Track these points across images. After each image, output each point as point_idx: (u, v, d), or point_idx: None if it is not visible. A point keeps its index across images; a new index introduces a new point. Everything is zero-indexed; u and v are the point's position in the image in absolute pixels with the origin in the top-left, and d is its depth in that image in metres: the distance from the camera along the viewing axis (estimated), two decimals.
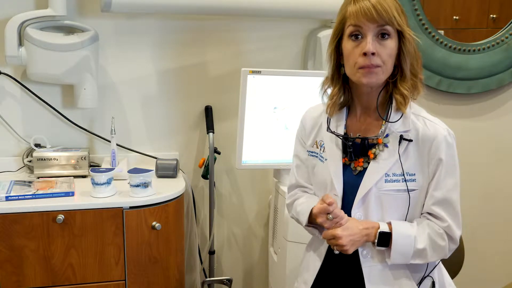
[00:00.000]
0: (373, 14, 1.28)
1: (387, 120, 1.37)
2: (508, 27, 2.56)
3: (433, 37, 2.45)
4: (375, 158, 1.37)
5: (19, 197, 1.82)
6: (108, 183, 1.87)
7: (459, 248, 2.03)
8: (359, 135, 1.41)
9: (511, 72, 2.59)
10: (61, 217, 1.80)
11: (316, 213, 1.36)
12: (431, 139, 1.35)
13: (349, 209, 1.39)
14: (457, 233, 1.38)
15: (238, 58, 2.32)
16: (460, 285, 1.66)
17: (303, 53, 2.39)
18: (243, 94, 1.98)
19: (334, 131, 1.42)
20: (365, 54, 1.30)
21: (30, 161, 2.14)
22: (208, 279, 2.37)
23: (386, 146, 1.37)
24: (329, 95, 1.46)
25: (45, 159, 2.07)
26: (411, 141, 1.36)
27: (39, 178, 2.06)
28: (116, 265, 1.89)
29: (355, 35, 1.32)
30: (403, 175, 1.35)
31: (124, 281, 1.91)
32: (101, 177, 1.86)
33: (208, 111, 2.32)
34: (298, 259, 1.64)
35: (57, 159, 2.08)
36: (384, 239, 1.34)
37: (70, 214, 1.82)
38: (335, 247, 1.36)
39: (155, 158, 2.21)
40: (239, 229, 2.52)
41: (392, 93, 1.38)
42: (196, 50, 2.29)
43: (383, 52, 1.31)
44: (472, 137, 2.64)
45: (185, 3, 2.08)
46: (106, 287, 1.90)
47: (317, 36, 2.27)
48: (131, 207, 1.87)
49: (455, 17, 2.58)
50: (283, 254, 2.06)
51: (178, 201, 1.99)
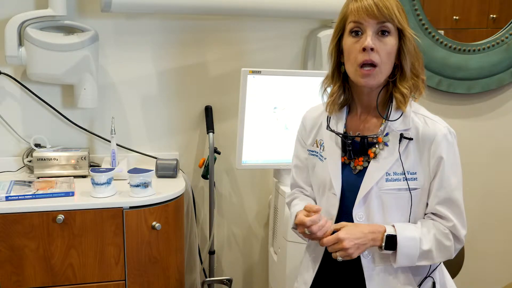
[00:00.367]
0: (374, 10, 1.29)
1: (387, 118, 1.37)
2: (508, 27, 2.56)
3: (433, 37, 2.45)
4: (375, 157, 1.37)
5: (19, 197, 1.82)
6: (108, 183, 1.87)
7: None
8: (359, 134, 1.41)
9: (511, 72, 2.59)
10: (61, 217, 1.80)
11: (296, 223, 1.37)
12: (431, 137, 1.34)
13: (350, 208, 1.39)
14: (463, 232, 1.38)
15: (238, 58, 2.32)
16: (460, 285, 1.66)
17: (303, 53, 2.39)
18: (243, 94, 1.98)
19: (333, 130, 1.42)
20: (364, 49, 1.30)
21: (30, 161, 2.14)
22: (208, 279, 2.37)
23: (386, 145, 1.37)
24: (329, 93, 1.46)
25: (45, 159, 2.07)
26: (411, 139, 1.35)
27: (39, 178, 2.06)
28: (116, 265, 1.89)
29: (356, 31, 1.33)
30: (404, 174, 1.35)
31: (124, 281, 1.91)
32: (101, 177, 1.86)
33: (208, 111, 2.32)
34: (298, 259, 1.64)
35: (57, 159, 2.08)
36: (391, 243, 1.33)
37: (70, 214, 1.82)
38: (337, 253, 1.31)
39: (155, 158, 2.21)
40: (239, 229, 2.52)
41: (392, 92, 1.38)
42: (196, 50, 2.29)
43: (382, 49, 1.31)
44: (472, 137, 2.64)
45: (185, 3, 2.08)
46: (106, 287, 1.90)
47: (317, 36, 2.27)
48: (131, 207, 1.87)
49: (455, 17, 2.58)
50: (283, 254, 2.06)
51: (178, 201, 1.99)
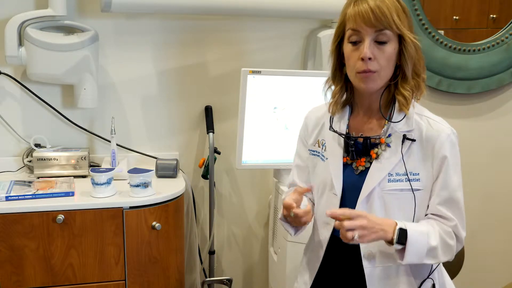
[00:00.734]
0: (371, 18, 1.27)
1: (390, 120, 1.37)
2: (508, 27, 2.56)
3: (433, 37, 2.45)
4: (377, 158, 1.37)
5: (19, 197, 1.82)
6: (108, 183, 1.87)
7: None
8: (362, 135, 1.41)
9: (511, 72, 2.59)
10: (61, 217, 1.80)
11: (284, 204, 1.37)
12: (435, 138, 1.34)
13: (352, 208, 1.38)
14: (463, 233, 1.37)
15: (238, 58, 2.32)
16: (460, 285, 1.66)
17: (303, 53, 2.39)
18: (243, 94, 1.98)
19: (336, 130, 1.42)
20: (363, 59, 1.30)
21: (30, 161, 2.14)
22: (208, 279, 2.37)
23: (388, 146, 1.37)
24: (331, 94, 1.46)
25: (45, 159, 2.07)
26: (414, 140, 1.35)
27: (39, 178, 2.06)
28: (116, 265, 1.89)
29: (354, 41, 1.32)
30: (406, 175, 1.35)
31: (124, 281, 1.91)
32: (101, 177, 1.86)
33: (208, 111, 2.32)
34: (298, 259, 1.64)
35: (57, 159, 2.08)
36: (402, 237, 1.29)
37: (70, 214, 1.82)
38: (355, 232, 1.24)
39: (155, 158, 2.21)
40: (239, 229, 2.52)
41: (394, 93, 1.38)
42: (196, 50, 2.29)
43: (381, 56, 1.30)
44: (472, 137, 2.64)
45: (185, 3, 2.08)
46: (106, 287, 1.90)
47: (317, 36, 2.27)
48: (131, 207, 1.87)
49: (455, 17, 2.58)
50: (283, 254, 2.06)
51: (178, 201, 1.99)
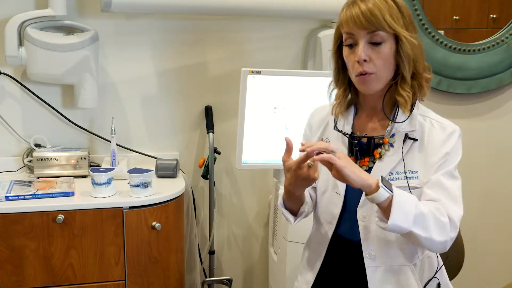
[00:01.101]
0: (362, 21, 1.27)
1: (394, 120, 1.37)
2: (508, 27, 2.56)
3: (433, 37, 2.45)
4: (380, 158, 1.37)
5: (19, 197, 1.82)
6: (108, 183, 1.87)
7: (459, 248, 2.04)
8: (366, 134, 1.41)
9: (511, 72, 2.59)
10: (61, 217, 1.80)
11: (286, 166, 1.30)
12: (437, 137, 1.34)
13: (353, 208, 1.39)
14: (454, 216, 1.28)
15: (238, 58, 2.32)
16: (460, 285, 1.66)
17: (303, 53, 2.39)
18: (243, 94, 1.98)
19: (341, 130, 1.43)
20: (358, 61, 1.30)
21: (30, 161, 2.14)
22: (208, 279, 2.37)
23: (392, 146, 1.37)
24: (335, 96, 1.46)
25: (45, 159, 2.07)
26: (416, 140, 1.35)
27: (39, 178, 2.06)
28: (116, 265, 1.89)
29: (350, 44, 1.33)
30: (405, 173, 1.34)
31: (124, 281, 1.91)
32: (101, 177, 1.86)
33: (208, 111, 2.32)
34: (298, 259, 1.64)
35: (57, 159, 2.08)
36: (387, 185, 1.23)
37: (70, 214, 1.82)
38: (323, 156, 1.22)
39: (155, 158, 2.21)
40: (239, 229, 2.52)
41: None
42: (196, 50, 2.29)
43: (376, 58, 1.30)
44: (472, 137, 2.64)
45: (185, 3, 2.08)
46: (106, 287, 1.90)
47: (317, 36, 2.27)
48: (131, 207, 1.87)
49: (455, 17, 2.58)
50: (283, 254, 2.06)
51: (178, 201, 1.99)
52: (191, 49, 2.28)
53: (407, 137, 1.35)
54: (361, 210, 1.38)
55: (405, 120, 1.36)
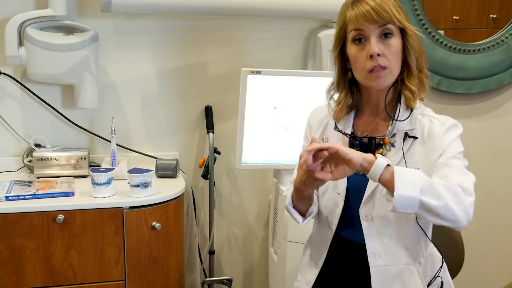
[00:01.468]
0: (373, 15, 1.29)
1: (396, 118, 1.37)
2: (508, 27, 2.56)
3: (433, 37, 2.45)
4: None
5: (19, 197, 1.82)
6: (108, 183, 1.87)
7: (459, 248, 2.03)
8: (367, 135, 1.41)
9: (511, 72, 2.59)
10: (61, 217, 1.80)
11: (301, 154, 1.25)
12: (437, 131, 1.35)
13: (354, 208, 1.39)
14: (466, 180, 1.28)
15: (238, 58, 2.32)
16: (460, 285, 1.66)
17: (303, 53, 2.39)
18: (243, 94, 1.98)
19: (341, 130, 1.43)
20: (371, 56, 1.30)
21: (30, 161, 2.14)
22: (208, 279, 2.37)
23: (393, 145, 1.37)
24: (335, 100, 1.46)
25: (45, 159, 2.07)
26: (416, 138, 1.36)
27: (39, 178, 2.06)
28: (116, 265, 1.89)
29: (359, 39, 1.33)
30: None
31: (124, 281, 1.91)
32: (101, 177, 1.86)
33: (208, 111, 2.32)
34: (298, 259, 1.64)
35: (57, 159, 2.08)
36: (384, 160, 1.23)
37: (70, 214, 1.82)
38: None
39: (155, 158, 2.21)
40: (239, 229, 2.52)
41: (400, 90, 1.38)
42: (196, 50, 2.29)
43: (388, 51, 1.31)
44: (472, 137, 2.64)
45: (185, 3, 2.08)
46: (106, 287, 1.90)
47: (317, 36, 2.27)
48: (131, 207, 1.87)
49: (455, 17, 2.58)
50: (283, 254, 2.06)
51: (178, 201, 1.99)
52: (191, 49, 2.28)
53: (407, 135, 1.36)
54: (364, 208, 1.37)
55: (406, 118, 1.36)
